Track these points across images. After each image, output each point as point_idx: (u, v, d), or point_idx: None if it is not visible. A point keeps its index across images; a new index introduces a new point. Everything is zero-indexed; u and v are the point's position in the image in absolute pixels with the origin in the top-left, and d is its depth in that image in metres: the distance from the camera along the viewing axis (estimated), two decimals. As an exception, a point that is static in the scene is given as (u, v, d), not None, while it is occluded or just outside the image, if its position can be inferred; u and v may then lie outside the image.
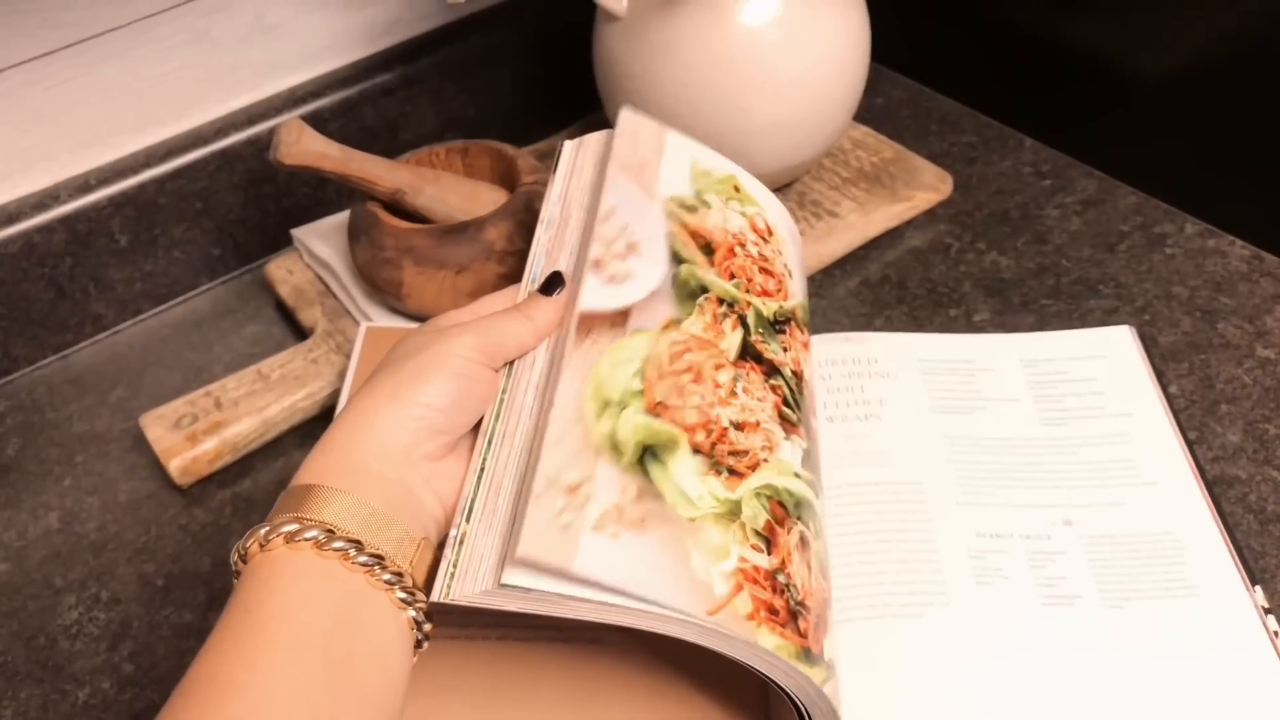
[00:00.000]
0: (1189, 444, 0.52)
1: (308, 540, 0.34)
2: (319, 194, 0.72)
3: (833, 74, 0.62)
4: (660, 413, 0.39)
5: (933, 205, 0.70)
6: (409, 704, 0.37)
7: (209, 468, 0.57)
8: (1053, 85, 0.77)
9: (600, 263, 0.43)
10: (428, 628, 0.37)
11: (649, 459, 0.38)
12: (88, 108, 0.64)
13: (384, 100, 0.72)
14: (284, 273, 0.67)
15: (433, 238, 0.57)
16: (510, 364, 0.42)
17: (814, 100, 0.62)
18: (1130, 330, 0.58)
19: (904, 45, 0.78)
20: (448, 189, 0.60)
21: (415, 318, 0.60)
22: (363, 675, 0.33)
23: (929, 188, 0.69)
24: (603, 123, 0.70)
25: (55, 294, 0.65)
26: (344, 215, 0.66)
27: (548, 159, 0.52)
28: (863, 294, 0.65)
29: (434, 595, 0.35)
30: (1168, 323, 0.60)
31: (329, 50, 0.71)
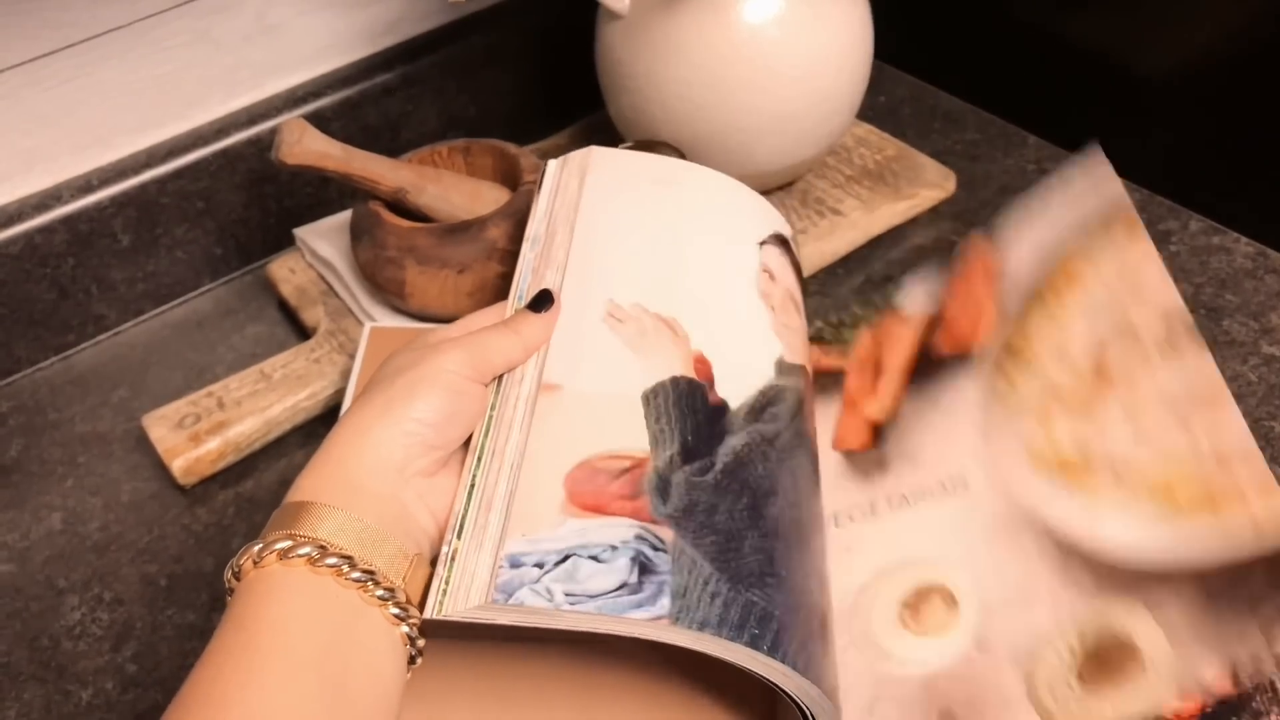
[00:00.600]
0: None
1: (301, 557, 0.34)
2: (321, 193, 0.72)
3: (835, 71, 0.62)
4: None
5: (936, 203, 0.70)
6: (412, 708, 0.37)
7: (212, 468, 0.57)
8: (1056, 82, 0.77)
9: None
10: (421, 644, 0.36)
11: None
12: (89, 108, 0.64)
13: (386, 100, 0.72)
14: (286, 272, 0.67)
15: (435, 237, 0.57)
16: (499, 380, 0.42)
17: (816, 98, 0.62)
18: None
19: (906, 42, 0.77)
20: (450, 188, 0.59)
21: (418, 317, 0.59)
22: (356, 691, 0.33)
23: (932, 185, 0.69)
24: (605, 122, 0.70)
25: (57, 294, 0.65)
26: (346, 215, 0.66)
27: (550, 158, 0.52)
28: (866, 292, 0.64)
29: (426, 612, 0.35)
30: (1172, 320, 0.60)
31: (330, 50, 0.71)
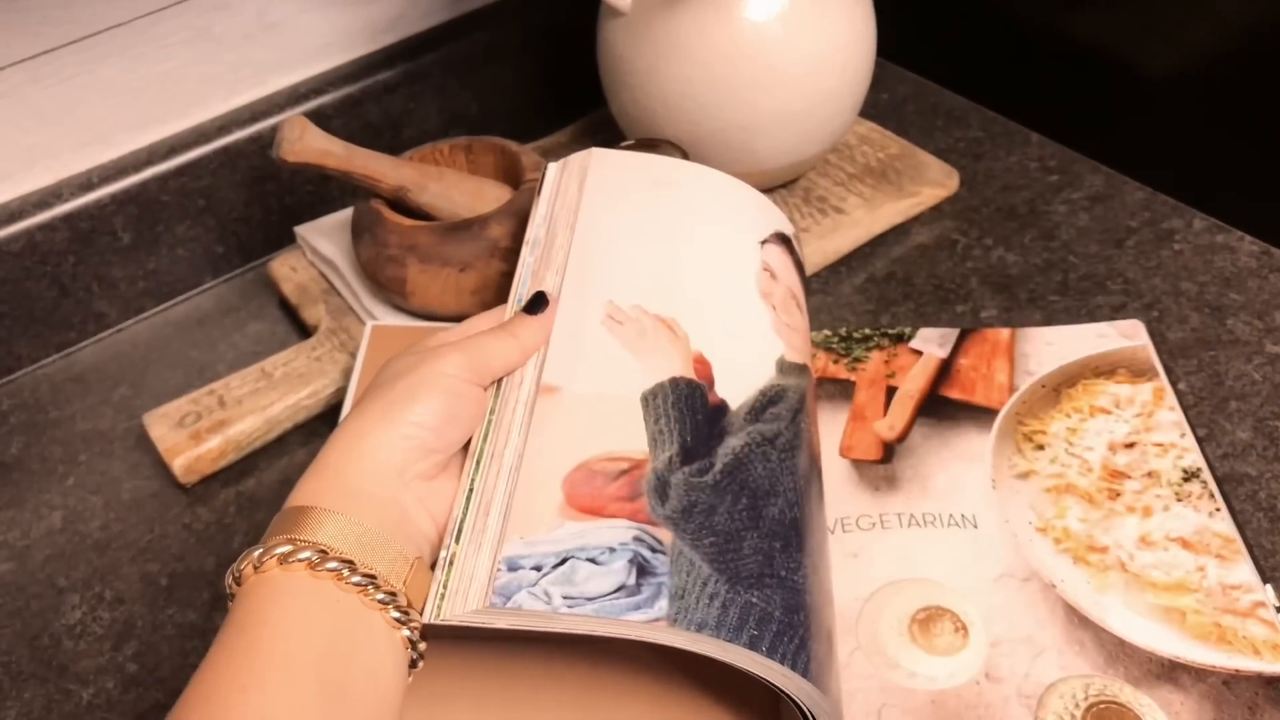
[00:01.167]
0: (1198, 441, 0.51)
1: (301, 561, 0.34)
2: (322, 191, 0.72)
3: (838, 69, 0.62)
4: None
5: (939, 201, 0.69)
6: (413, 709, 0.37)
7: (212, 466, 0.57)
8: (1059, 80, 0.77)
9: None
10: (423, 647, 0.36)
11: None
12: (89, 105, 0.63)
13: (387, 97, 0.71)
14: (287, 270, 0.67)
15: (436, 235, 0.56)
16: (498, 383, 0.42)
17: (819, 96, 0.62)
18: (1140, 325, 0.57)
19: (909, 40, 0.77)
20: (451, 186, 0.59)
21: (419, 315, 0.59)
22: (357, 695, 0.33)
23: (935, 183, 0.69)
24: (607, 119, 0.70)
25: (58, 292, 0.65)
26: (347, 213, 0.66)
27: (551, 156, 0.51)
28: (869, 290, 0.64)
29: (425, 616, 0.35)
30: (1176, 319, 0.60)
31: (331, 47, 0.71)
